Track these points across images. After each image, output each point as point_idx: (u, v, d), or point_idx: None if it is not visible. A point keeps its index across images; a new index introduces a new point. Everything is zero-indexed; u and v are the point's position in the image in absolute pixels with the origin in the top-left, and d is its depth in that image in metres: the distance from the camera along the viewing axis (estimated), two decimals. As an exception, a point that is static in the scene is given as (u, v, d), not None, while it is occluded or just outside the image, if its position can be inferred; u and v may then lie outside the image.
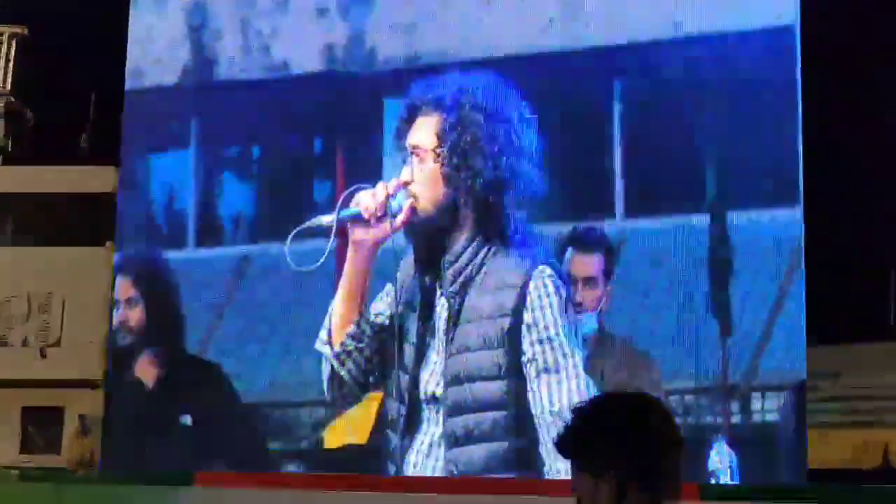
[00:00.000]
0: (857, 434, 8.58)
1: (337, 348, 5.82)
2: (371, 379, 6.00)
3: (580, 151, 6.62)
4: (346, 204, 5.71)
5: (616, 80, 6.49)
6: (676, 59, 6.56)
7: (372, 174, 6.31)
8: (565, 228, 6.34)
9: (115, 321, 6.62)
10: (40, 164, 9.76)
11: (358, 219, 5.66)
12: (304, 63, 6.77)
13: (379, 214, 5.73)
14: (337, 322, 5.83)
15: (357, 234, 5.72)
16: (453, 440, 5.96)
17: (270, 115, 6.81)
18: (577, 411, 1.15)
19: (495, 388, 5.83)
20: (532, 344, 5.78)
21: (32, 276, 10.72)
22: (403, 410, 5.93)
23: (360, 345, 5.91)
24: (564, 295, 5.95)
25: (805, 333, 6.56)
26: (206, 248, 6.82)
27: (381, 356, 6.00)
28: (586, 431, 1.09)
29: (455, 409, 5.88)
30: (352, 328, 5.83)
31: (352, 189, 5.68)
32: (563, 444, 1.12)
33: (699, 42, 6.57)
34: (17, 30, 8.24)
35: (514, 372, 5.78)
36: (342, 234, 6.04)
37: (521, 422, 5.89)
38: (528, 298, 5.76)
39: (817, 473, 6.51)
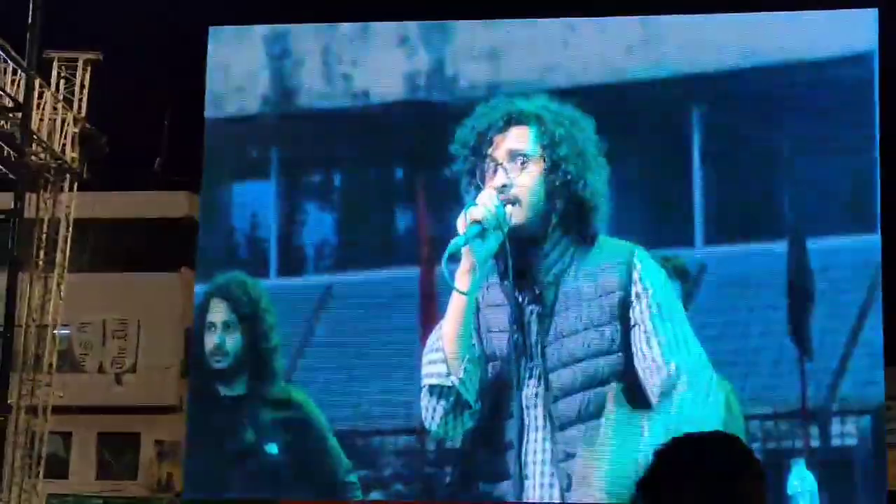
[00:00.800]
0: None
1: (462, 375, 6.17)
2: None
3: (660, 179, 6.83)
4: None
5: (695, 109, 6.66)
6: (754, 88, 6.76)
7: (452, 200, 6.48)
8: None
9: (208, 345, 6.68)
10: (115, 190, 9.86)
11: (480, 234, 6.06)
12: (385, 91, 6.87)
13: (494, 224, 6.15)
14: (452, 352, 6.15)
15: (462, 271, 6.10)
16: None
17: (351, 144, 6.90)
18: (662, 457, 1.01)
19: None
20: (641, 311, 6.30)
21: (108, 302, 10.84)
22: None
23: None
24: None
25: (883, 357, 6.79)
26: (289, 277, 6.94)
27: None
28: (670, 484, 0.97)
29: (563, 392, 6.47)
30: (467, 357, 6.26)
31: (464, 218, 5.98)
32: (646, 490, 1.00)
33: (776, 70, 6.77)
34: (93, 56, 8.26)
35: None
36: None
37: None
38: (636, 270, 6.32)
39: (898, 496, 6.80)
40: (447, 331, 6.49)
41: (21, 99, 7.77)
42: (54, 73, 8.27)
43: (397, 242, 6.61)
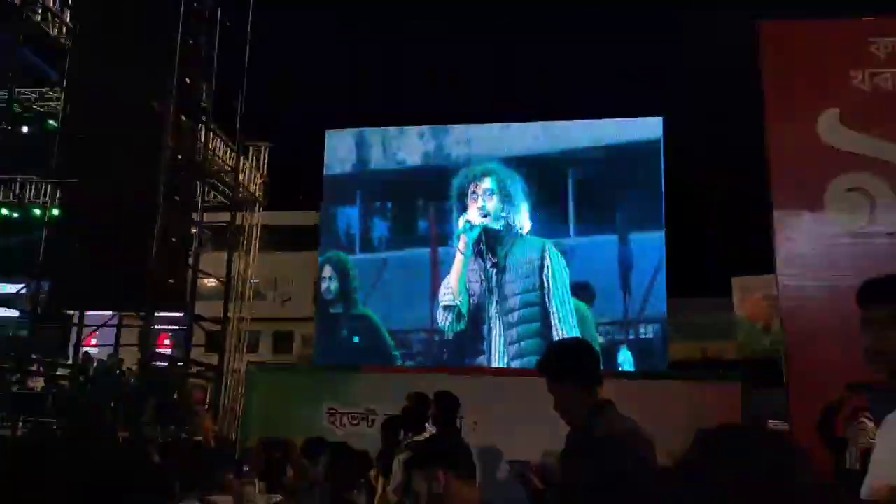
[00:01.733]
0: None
1: (460, 300, 11.81)
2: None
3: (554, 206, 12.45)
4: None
5: (569, 169, 12.12)
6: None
7: (448, 216, 12.31)
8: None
9: (323, 287, 12.72)
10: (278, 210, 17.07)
11: (470, 228, 11.75)
12: (412, 160, 12.73)
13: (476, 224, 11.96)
14: (455, 288, 11.83)
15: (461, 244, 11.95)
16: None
17: (396, 188, 12.78)
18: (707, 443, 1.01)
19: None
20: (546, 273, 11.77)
21: (279, 265, 18.11)
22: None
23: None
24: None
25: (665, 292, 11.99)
26: (364, 253, 12.87)
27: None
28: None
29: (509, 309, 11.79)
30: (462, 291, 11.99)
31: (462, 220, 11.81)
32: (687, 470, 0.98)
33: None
34: (266, 144, 14.94)
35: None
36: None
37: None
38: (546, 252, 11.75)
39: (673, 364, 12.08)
40: (452, 277, 12.13)
41: (233, 164, 14.30)
42: (250, 151, 14.96)
43: (420, 236, 12.46)
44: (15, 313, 15.09)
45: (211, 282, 13.97)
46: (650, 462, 2.15)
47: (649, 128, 11.80)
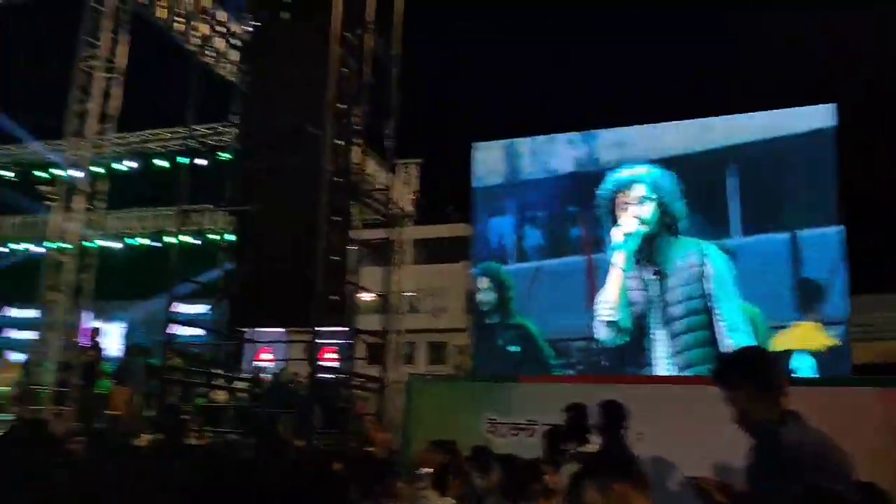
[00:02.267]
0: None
1: (619, 314, 11.68)
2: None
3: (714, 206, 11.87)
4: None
5: (728, 168, 11.56)
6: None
7: (597, 222, 12.07)
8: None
9: (479, 298, 12.90)
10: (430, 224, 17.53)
11: (629, 239, 11.64)
12: (562, 168, 12.65)
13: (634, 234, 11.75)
14: (614, 301, 11.67)
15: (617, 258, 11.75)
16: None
17: (547, 196, 12.74)
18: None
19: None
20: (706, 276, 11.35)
21: (431, 277, 18.58)
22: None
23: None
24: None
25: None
26: (518, 263, 12.92)
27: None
28: None
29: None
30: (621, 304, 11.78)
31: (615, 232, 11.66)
32: None
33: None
34: (418, 161, 15.50)
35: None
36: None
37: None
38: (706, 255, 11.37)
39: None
40: (610, 291, 11.99)
41: (386, 182, 14.94)
42: (401, 168, 15.55)
43: (572, 244, 12.29)
44: (200, 332, 16.39)
45: (368, 296, 14.53)
46: (849, 477, 1.98)
47: (820, 116, 10.98)
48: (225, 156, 16.89)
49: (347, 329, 12.37)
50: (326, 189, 10.84)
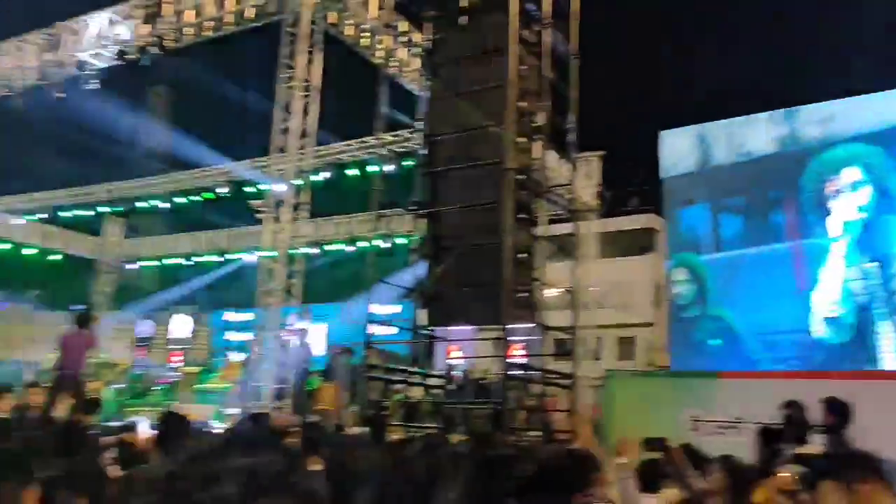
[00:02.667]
0: None
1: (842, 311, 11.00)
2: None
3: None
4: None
5: None
6: None
7: (803, 207, 11.20)
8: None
9: (674, 291, 12.47)
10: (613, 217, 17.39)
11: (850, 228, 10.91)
12: (761, 150, 11.87)
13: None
14: (835, 296, 10.91)
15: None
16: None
17: (744, 181, 12.02)
18: None
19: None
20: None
21: (619, 274, 18.35)
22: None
23: None
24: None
25: None
26: (714, 253, 12.31)
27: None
28: None
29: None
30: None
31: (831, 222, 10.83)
32: None
33: None
34: (600, 154, 15.30)
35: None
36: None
37: None
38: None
39: None
40: (830, 284, 11.08)
41: (569, 177, 14.86)
42: (582, 162, 15.43)
43: (774, 231, 11.46)
44: (393, 331, 17.17)
45: (555, 292, 14.46)
46: None
47: None
48: (410, 161, 17.60)
49: (535, 325, 12.41)
50: (511, 187, 10.96)
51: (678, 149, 12.43)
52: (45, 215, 28.34)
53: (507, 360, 11.56)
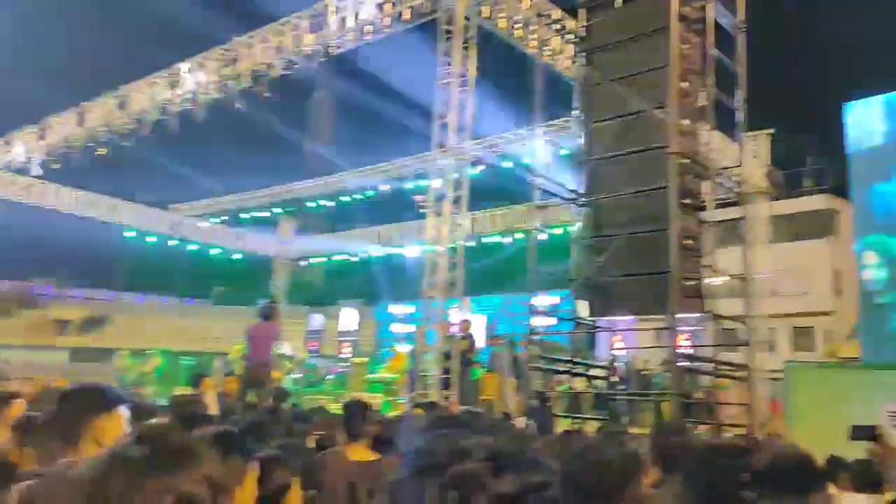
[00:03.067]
0: None
1: None
2: None
3: None
4: None
5: None
6: None
7: None
8: None
9: (866, 276, 11.50)
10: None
11: None
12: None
13: None
14: None
15: None
16: None
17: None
18: None
19: None
20: None
21: (794, 259, 17.26)
22: None
23: None
24: None
25: None
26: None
27: None
28: None
29: None
30: None
31: None
32: None
33: None
34: (770, 132, 14.41)
35: None
36: None
37: None
38: None
39: None
40: None
41: (737, 158, 14.11)
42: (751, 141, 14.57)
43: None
44: (553, 321, 17.14)
45: (723, 279, 13.80)
46: None
47: None
48: (566, 151, 17.43)
49: (704, 314, 11.91)
50: (675, 172, 10.57)
51: (866, 121, 11.41)
52: (226, 217, 30.83)
53: (677, 351, 11.18)
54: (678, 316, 11.84)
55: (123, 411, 2.37)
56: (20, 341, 42.81)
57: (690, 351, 16.77)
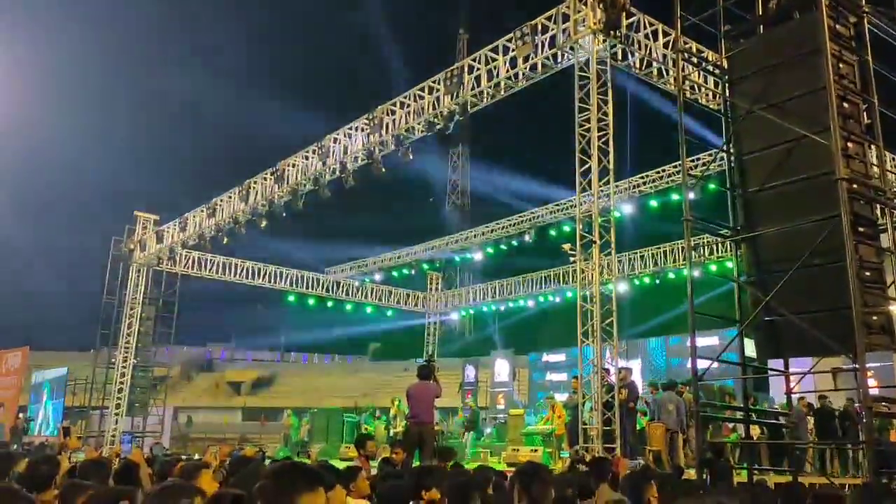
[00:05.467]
0: None
1: None
2: None
3: None
4: None
5: None
6: None
7: None
8: None
9: None
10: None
11: None
12: None
13: None
14: None
15: None
16: None
17: None
18: None
19: None
20: None
21: None
22: None
23: None
24: None
25: None
26: None
27: None
28: None
29: None
30: None
31: None
32: None
33: None
34: None
35: None
36: None
37: None
38: None
39: None
40: None
41: None
42: None
43: None
44: (715, 365, 16.11)
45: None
46: None
47: None
48: (713, 185, 16.63)
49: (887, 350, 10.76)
50: (845, 199, 9.72)
51: None
52: (379, 276, 31.89)
53: (870, 392, 10.13)
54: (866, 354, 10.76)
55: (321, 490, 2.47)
56: (200, 402, 46.02)
57: (876, 391, 15.19)
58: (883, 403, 11.78)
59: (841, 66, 10.73)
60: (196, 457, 10.38)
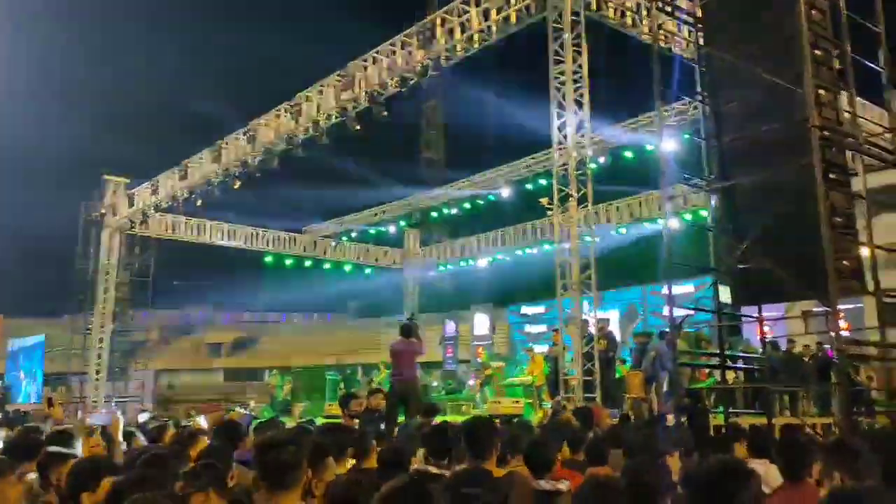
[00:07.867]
0: None
1: None
2: None
3: None
4: None
5: None
6: None
7: None
8: None
9: None
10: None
11: None
12: None
13: None
14: None
15: None
16: None
17: None
18: None
19: None
20: None
21: None
22: None
23: None
24: None
25: None
26: None
27: None
28: None
29: None
30: None
31: None
32: None
33: None
34: None
35: None
36: None
37: None
38: None
39: None
40: None
41: (887, 122, 12.93)
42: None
43: None
44: (691, 313, 16.39)
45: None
46: None
47: None
48: (688, 135, 16.72)
49: (866, 294, 11.01)
50: (818, 146, 9.84)
51: None
52: (355, 235, 31.84)
53: (841, 336, 10.41)
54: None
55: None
56: (180, 365, 46.06)
57: (847, 334, 15.56)
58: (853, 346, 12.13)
59: (813, 12, 10.75)
60: (183, 423, 10.49)
